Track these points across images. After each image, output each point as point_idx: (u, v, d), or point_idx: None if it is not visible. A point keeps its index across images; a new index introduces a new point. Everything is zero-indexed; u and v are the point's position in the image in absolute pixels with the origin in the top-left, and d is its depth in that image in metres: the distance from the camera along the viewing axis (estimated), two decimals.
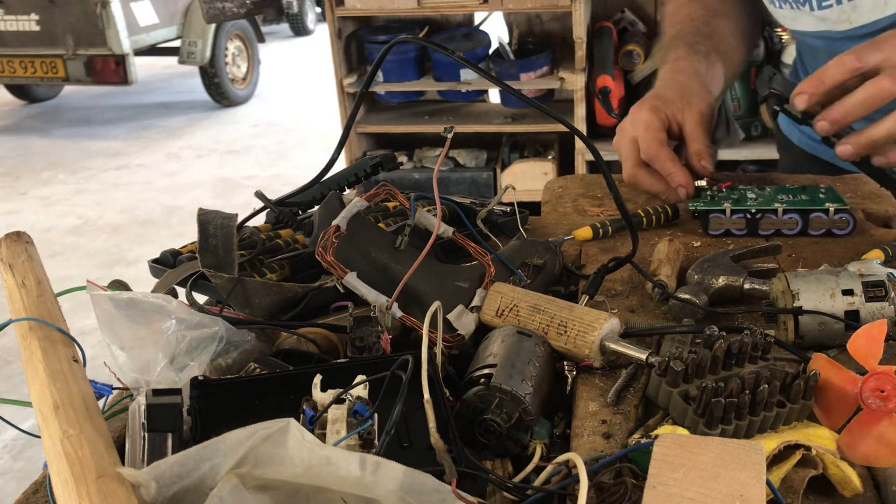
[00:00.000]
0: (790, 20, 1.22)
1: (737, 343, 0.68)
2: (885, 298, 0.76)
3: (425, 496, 0.52)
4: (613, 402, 0.71)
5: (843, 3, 1.11)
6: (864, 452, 0.60)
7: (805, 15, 1.17)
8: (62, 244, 4.67)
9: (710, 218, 1.03)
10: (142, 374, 0.69)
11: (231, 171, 5.81)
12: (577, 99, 3.33)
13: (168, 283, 0.91)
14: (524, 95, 0.91)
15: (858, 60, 0.94)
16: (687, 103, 1.13)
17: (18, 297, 0.75)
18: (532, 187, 3.02)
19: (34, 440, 0.73)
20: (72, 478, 0.54)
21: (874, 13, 1.09)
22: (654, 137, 1.10)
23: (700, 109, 1.13)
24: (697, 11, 1.31)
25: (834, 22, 1.13)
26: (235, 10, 3.99)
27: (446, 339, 0.78)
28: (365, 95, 1.11)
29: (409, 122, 3.66)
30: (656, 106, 1.13)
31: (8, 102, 7.85)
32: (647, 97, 1.16)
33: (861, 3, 1.09)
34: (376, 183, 0.94)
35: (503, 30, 3.76)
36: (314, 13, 11.64)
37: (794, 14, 1.19)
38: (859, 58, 0.94)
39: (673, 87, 1.17)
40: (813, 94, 0.96)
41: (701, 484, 0.53)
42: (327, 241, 0.83)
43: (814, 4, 1.14)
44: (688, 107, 1.13)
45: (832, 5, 1.12)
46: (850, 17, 1.11)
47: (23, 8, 6.19)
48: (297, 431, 0.53)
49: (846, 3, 1.10)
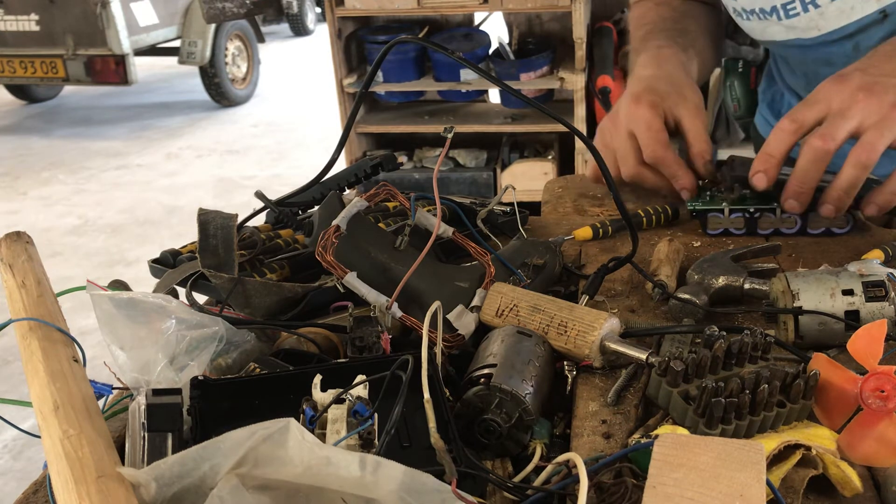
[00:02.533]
0: (759, 31, 1.21)
1: (737, 343, 0.68)
2: (886, 298, 0.76)
3: (425, 496, 0.52)
4: (613, 402, 0.71)
5: (809, 11, 1.10)
6: (864, 452, 0.60)
7: (773, 25, 1.16)
8: (62, 244, 4.68)
9: (708, 217, 1.03)
10: (142, 374, 0.69)
11: (231, 171, 5.81)
12: (577, 99, 3.34)
13: (168, 283, 0.91)
14: (524, 95, 0.91)
15: (794, 122, 0.94)
16: (682, 97, 1.10)
17: (18, 297, 0.75)
18: (532, 187, 3.02)
19: (34, 440, 0.73)
20: (72, 478, 0.54)
21: (840, 19, 1.08)
22: (657, 139, 1.07)
23: (696, 103, 1.10)
24: (667, 13, 1.30)
25: (803, 30, 1.13)
26: (235, 10, 3.99)
27: (446, 339, 0.78)
28: (365, 95, 1.11)
29: (409, 122, 3.66)
30: (654, 101, 1.08)
31: (8, 102, 7.85)
32: (641, 90, 1.11)
33: (827, 10, 1.08)
34: (376, 183, 0.94)
35: (503, 30, 3.77)
36: (314, 13, 11.64)
37: (763, 25, 1.18)
38: (794, 119, 0.94)
39: (664, 80, 1.13)
40: (768, 170, 0.96)
41: (701, 484, 0.53)
42: (327, 241, 0.83)
43: (781, 14, 1.13)
44: (683, 101, 1.10)
45: (799, 13, 1.11)
46: (819, 24, 1.10)
47: (23, 8, 6.20)
48: (297, 431, 0.53)
49: (813, 11, 1.09)
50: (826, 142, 0.90)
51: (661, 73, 1.14)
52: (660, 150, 1.06)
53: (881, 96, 0.89)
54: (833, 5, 1.08)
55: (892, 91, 0.90)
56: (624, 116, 1.10)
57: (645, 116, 1.08)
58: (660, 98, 1.09)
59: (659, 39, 1.22)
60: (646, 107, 1.08)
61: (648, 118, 1.07)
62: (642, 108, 1.08)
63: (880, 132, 0.89)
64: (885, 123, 0.89)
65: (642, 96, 1.10)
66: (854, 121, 0.90)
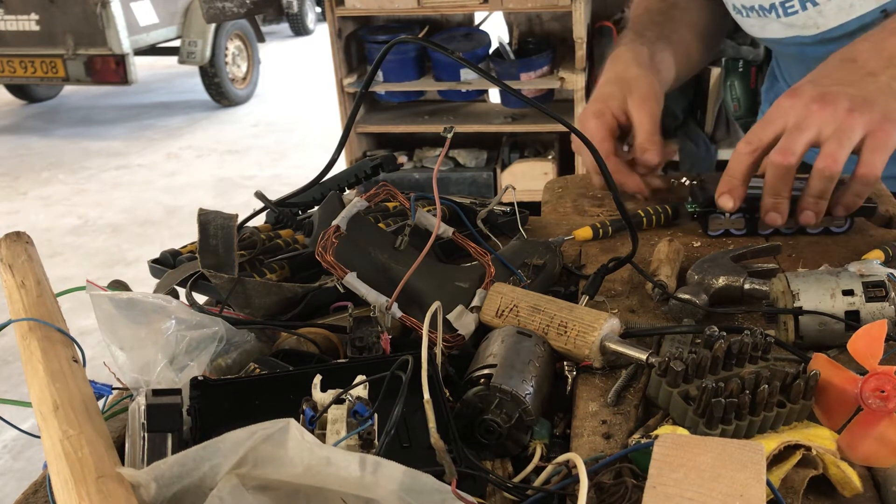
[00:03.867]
0: (758, 29, 1.21)
1: (737, 343, 0.68)
2: (886, 298, 0.76)
3: (425, 496, 0.52)
4: (613, 402, 0.71)
5: (807, 9, 1.10)
6: (865, 452, 0.60)
7: (773, 22, 1.16)
8: (62, 244, 4.67)
9: (709, 219, 1.03)
10: (142, 374, 0.69)
11: (231, 171, 5.81)
12: (577, 99, 3.34)
13: (168, 284, 0.91)
14: (524, 95, 0.91)
15: (750, 144, 0.94)
16: (628, 91, 1.09)
17: (18, 297, 0.75)
18: (532, 187, 3.02)
19: (34, 440, 0.73)
20: (72, 478, 0.54)
21: (840, 16, 1.08)
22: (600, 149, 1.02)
23: (642, 94, 1.09)
24: (655, 4, 1.30)
25: (801, 27, 1.13)
26: (235, 10, 3.99)
27: (446, 339, 0.78)
28: (365, 95, 1.11)
29: (409, 122, 3.66)
30: (598, 110, 1.09)
31: (8, 102, 7.85)
32: (589, 102, 1.13)
33: (826, 8, 1.08)
34: (376, 183, 0.94)
35: (503, 30, 3.77)
36: (314, 13, 11.64)
37: (762, 22, 1.18)
38: (749, 140, 0.94)
39: (612, 82, 1.13)
40: (732, 190, 0.96)
41: (701, 484, 0.53)
42: (327, 241, 0.83)
43: (779, 11, 1.13)
44: (629, 95, 1.09)
45: (797, 11, 1.11)
46: (817, 22, 1.10)
47: (23, 8, 6.19)
48: (297, 431, 0.53)
49: (811, 8, 1.09)
50: (786, 157, 0.90)
51: (610, 75, 1.14)
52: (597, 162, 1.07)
53: (835, 105, 0.89)
54: (832, 3, 1.08)
55: (844, 98, 0.89)
56: None
57: (588, 128, 1.08)
58: (604, 103, 1.09)
59: (626, 37, 1.22)
60: (589, 118, 1.09)
61: (591, 129, 1.08)
62: (587, 121, 1.10)
63: (839, 142, 0.89)
64: (843, 132, 0.89)
65: (588, 108, 1.11)
66: (811, 132, 0.90)
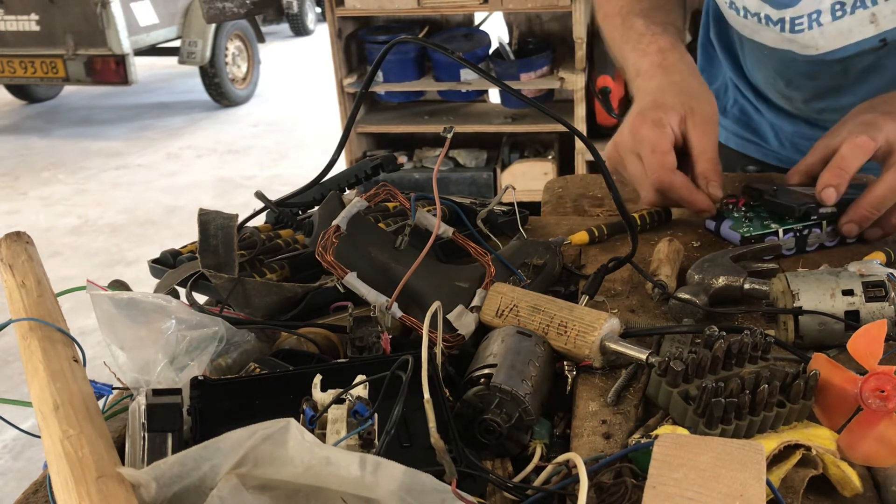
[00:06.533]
0: (750, 31, 1.16)
1: (737, 343, 0.68)
2: (885, 298, 0.76)
3: (425, 496, 0.52)
4: (613, 402, 0.71)
5: (813, 28, 1.07)
6: (864, 452, 0.60)
7: (770, 32, 1.12)
8: (62, 244, 4.68)
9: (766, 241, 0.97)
10: (142, 374, 0.69)
11: (231, 171, 5.81)
12: (577, 99, 3.34)
13: (169, 284, 0.91)
14: (524, 95, 0.91)
15: (874, 140, 0.92)
16: (690, 110, 1.00)
17: (18, 297, 0.75)
18: (532, 187, 3.03)
19: (34, 440, 0.73)
20: (72, 478, 0.54)
21: (839, 40, 1.07)
22: (662, 164, 0.98)
23: (705, 115, 1.01)
24: None
25: (801, 46, 1.10)
26: (235, 10, 3.99)
27: (446, 339, 0.78)
28: (365, 95, 1.11)
29: (409, 122, 3.66)
30: (659, 120, 0.99)
31: (8, 102, 7.85)
32: (646, 106, 1.02)
33: (827, 30, 1.07)
34: (376, 183, 0.94)
35: (503, 30, 3.77)
36: (314, 13, 11.64)
37: (758, 27, 1.14)
38: (874, 137, 0.92)
39: (671, 90, 1.03)
40: (839, 184, 0.93)
41: (701, 484, 0.53)
42: (327, 241, 0.83)
43: (786, 27, 1.09)
44: (691, 115, 1.00)
45: (804, 30, 1.08)
46: (818, 44, 1.08)
47: (23, 8, 6.19)
48: (297, 431, 0.53)
49: (816, 29, 1.07)
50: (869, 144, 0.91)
51: (667, 82, 1.05)
52: (665, 175, 0.98)
53: None
54: (833, 25, 1.06)
55: None
56: (629, 137, 1.02)
57: (649, 138, 0.99)
58: (665, 114, 1.00)
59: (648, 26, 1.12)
60: (650, 126, 0.99)
61: (653, 140, 0.99)
62: (646, 129, 0.99)
63: None
64: None
65: (647, 114, 1.01)
66: None
